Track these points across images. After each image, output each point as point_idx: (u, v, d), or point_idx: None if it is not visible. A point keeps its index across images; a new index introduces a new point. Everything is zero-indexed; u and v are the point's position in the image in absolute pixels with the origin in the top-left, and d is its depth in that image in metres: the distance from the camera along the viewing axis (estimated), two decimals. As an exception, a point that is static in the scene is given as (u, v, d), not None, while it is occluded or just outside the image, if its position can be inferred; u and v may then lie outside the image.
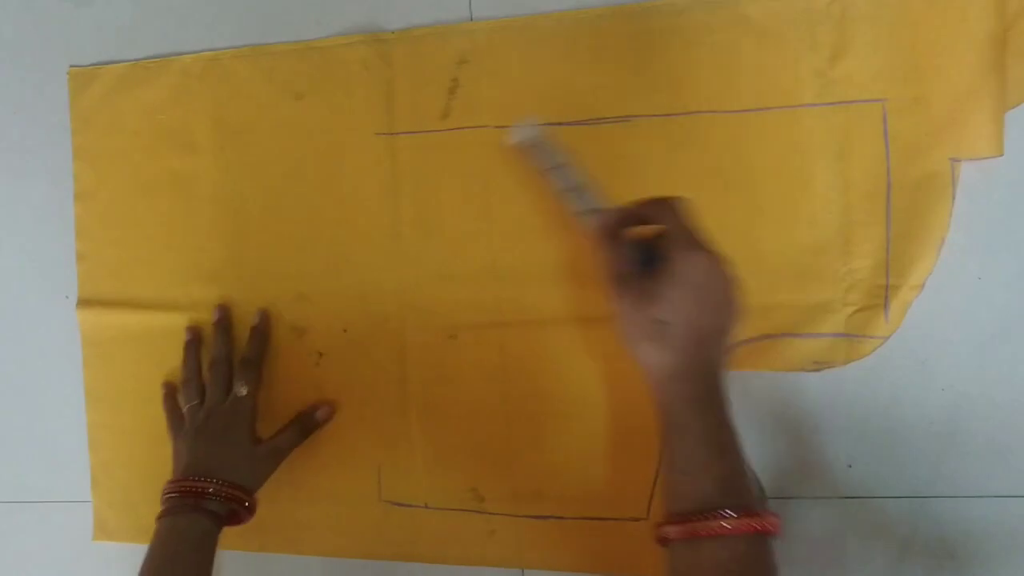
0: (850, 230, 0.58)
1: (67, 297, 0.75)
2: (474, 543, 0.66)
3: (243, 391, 0.66)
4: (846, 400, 0.59)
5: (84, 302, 0.75)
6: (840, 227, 0.58)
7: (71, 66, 0.75)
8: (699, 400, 0.49)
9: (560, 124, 0.62)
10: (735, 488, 0.47)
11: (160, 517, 0.62)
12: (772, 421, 0.60)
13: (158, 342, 0.72)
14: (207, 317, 0.70)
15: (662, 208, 0.51)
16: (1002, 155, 0.55)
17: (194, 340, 0.71)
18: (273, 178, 0.69)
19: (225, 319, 0.70)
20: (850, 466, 0.56)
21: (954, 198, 0.56)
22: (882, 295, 0.57)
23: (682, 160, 0.61)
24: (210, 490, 0.61)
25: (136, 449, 0.74)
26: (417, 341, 0.66)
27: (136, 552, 0.60)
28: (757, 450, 0.53)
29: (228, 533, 0.62)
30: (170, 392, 0.71)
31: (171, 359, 0.72)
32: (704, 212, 0.60)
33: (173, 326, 0.72)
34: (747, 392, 0.60)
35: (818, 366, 0.58)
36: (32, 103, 0.76)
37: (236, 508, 0.62)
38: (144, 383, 0.73)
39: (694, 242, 0.49)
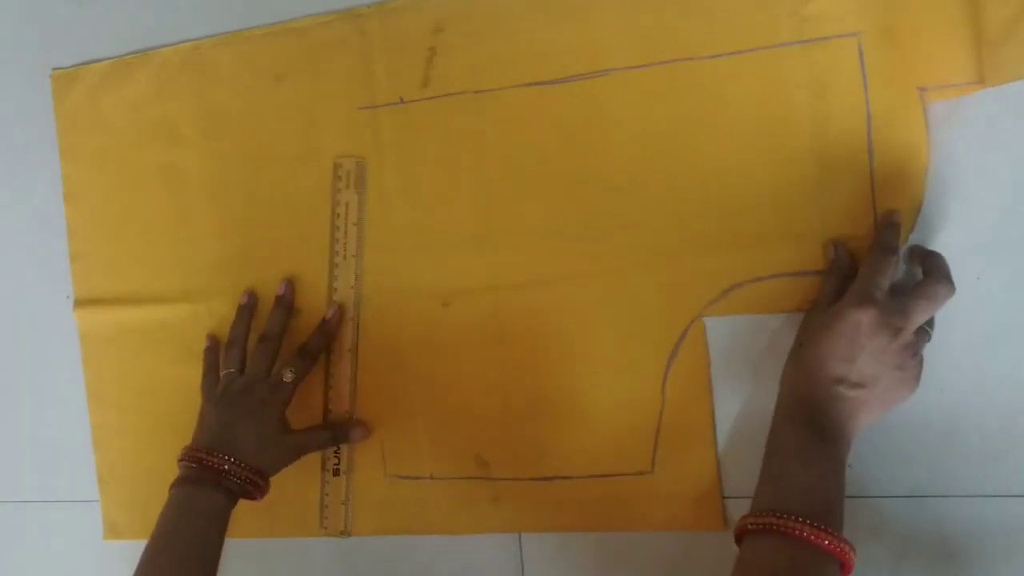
0: (833, 165, 0.57)
1: (68, 297, 0.76)
2: (479, 510, 0.65)
3: (290, 377, 0.64)
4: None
5: (80, 302, 0.75)
6: (824, 163, 0.58)
7: (53, 68, 0.75)
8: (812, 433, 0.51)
9: (537, 84, 0.62)
10: (820, 505, 0.48)
11: (175, 485, 0.61)
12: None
13: (156, 336, 0.73)
14: (203, 307, 0.71)
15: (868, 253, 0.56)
16: (982, 82, 0.55)
17: (249, 305, 0.69)
18: (259, 162, 0.70)
19: (288, 297, 0.68)
20: (850, 466, 0.55)
21: (928, 129, 0.56)
22: (870, 227, 0.57)
23: (662, 109, 0.61)
24: (228, 469, 0.61)
25: (141, 446, 0.74)
26: (411, 312, 0.66)
27: (140, 551, 0.60)
28: (757, 450, 0.53)
29: (239, 518, 0.62)
30: (213, 347, 0.70)
31: (169, 353, 0.72)
32: (686, 159, 0.60)
33: (170, 318, 0.72)
34: (747, 394, 0.60)
35: (814, 304, 0.58)
36: (20, 104, 0.77)
37: (251, 489, 0.62)
38: (144, 379, 0.73)
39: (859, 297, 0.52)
